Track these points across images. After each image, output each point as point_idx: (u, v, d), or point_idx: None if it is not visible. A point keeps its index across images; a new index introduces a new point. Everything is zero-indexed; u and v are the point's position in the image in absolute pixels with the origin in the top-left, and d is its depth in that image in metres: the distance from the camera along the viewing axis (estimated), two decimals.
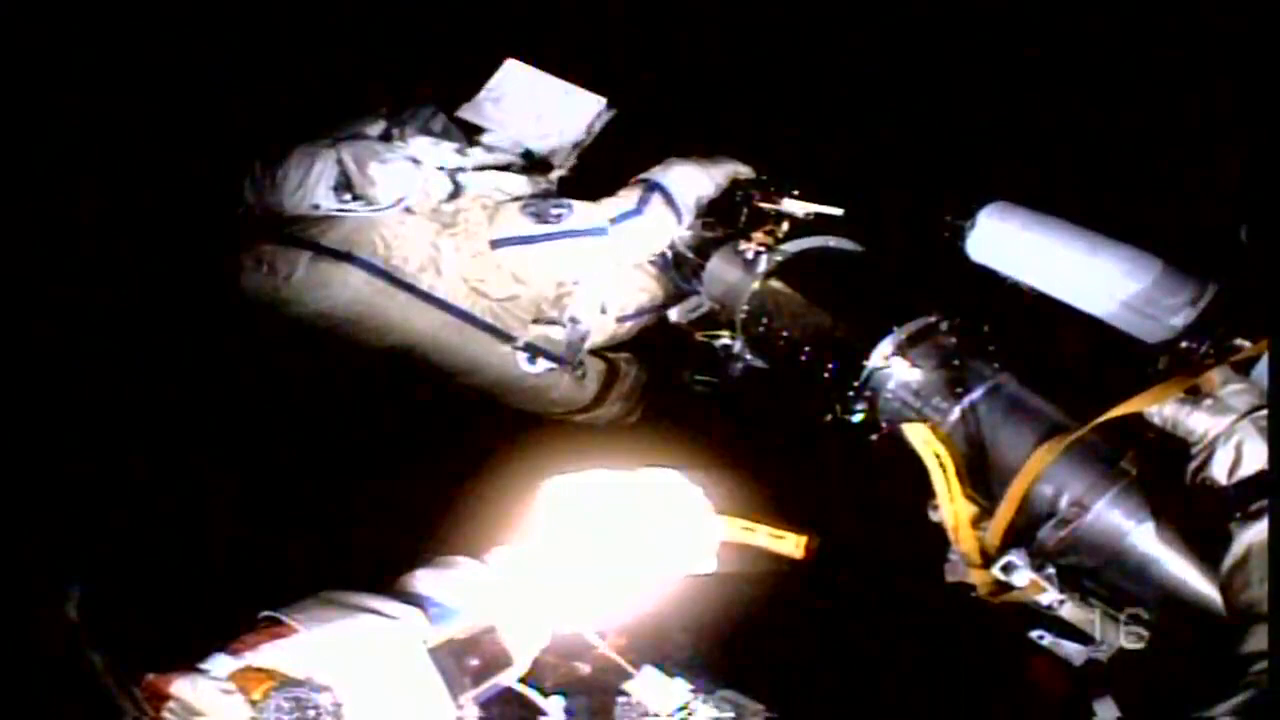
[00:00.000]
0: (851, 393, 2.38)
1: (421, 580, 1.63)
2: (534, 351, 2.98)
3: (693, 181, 2.99)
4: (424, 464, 2.88)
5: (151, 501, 2.46)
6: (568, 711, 1.74)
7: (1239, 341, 1.94)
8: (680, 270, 3.12)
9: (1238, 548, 1.65)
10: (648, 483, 1.89)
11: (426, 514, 2.52)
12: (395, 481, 2.79)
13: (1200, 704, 1.44)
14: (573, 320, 3.02)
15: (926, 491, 2.12)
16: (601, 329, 3.14)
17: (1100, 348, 2.31)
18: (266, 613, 1.50)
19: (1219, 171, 2.64)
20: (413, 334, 2.82)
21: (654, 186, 2.96)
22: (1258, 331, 1.91)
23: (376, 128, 2.94)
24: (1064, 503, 1.97)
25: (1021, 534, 2.00)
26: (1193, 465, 1.80)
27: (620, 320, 3.18)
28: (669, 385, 3.29)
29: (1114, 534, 1.93)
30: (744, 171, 3.05)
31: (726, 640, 2.22)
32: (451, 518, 2.39)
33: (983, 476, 2.11)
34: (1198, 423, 1.81)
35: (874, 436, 2.38)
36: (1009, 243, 2.42)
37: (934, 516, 2.11)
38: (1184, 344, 2.03)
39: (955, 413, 2.19)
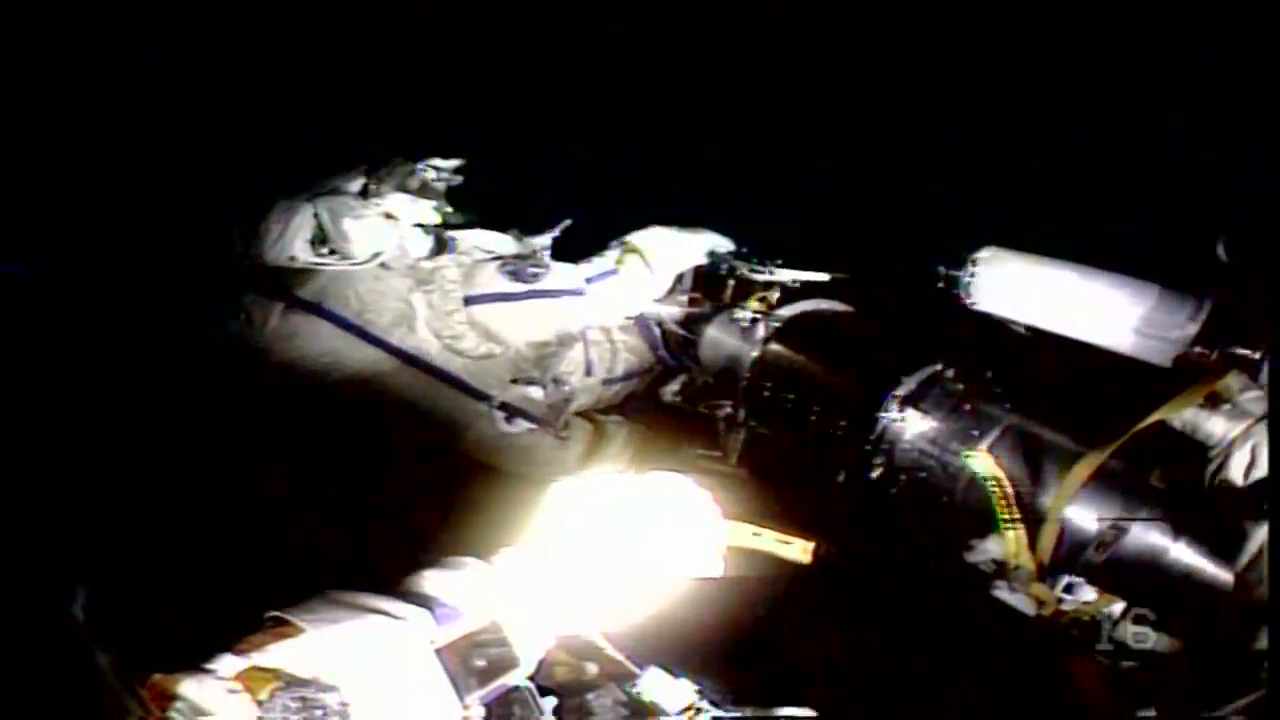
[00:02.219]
0: (868, 447, 2.40)
1: (428, 581, 1.62)
2: (511, 411, 2.95)
3: (669, 244, 3.02)
4: (431, 465, 2.87)
5: (159, 502, 2.46)
6: (555, 712, 1.73)
7: (1240, 350, 1.98)
8: (670, 347, 3.13)
9: (1252, 544, 1.70)
10: (656, 487, 1.88)
11: (434, 515, 2.52)
12: (402, 482, 2.78)
13: (1211, 700, 1.44)
14: (556, 381, 3.03)
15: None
16: (589, 391, 3.13)
17: (1089, 377, 2.36)
18: (273, 613, 1.49)
19: (1186, 195, 2.71)
20: (384, 389, 2.80)
21: (627, 248, 2.99)
22: (1256, 337, 1.95)
23: (355, 184, 2.96)
24: (1102, 525, 2.01)
25: (1065, 560, 2.05)
26: (1211, 467, 1.90)
27: (607, 383, 3.18)
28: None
29: (1155, 551, 1.96)
30: (721, 242, 3.07)
31: (733, 643, 2.21)
32: (459, 519, 2.40)
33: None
34: (1216, 426, 1.90)
35: (893, 490, 2.39)
36: (1013, 287, 2.48)
37: (969, 558, 2.15)
38: (1196, 349, 2.06)
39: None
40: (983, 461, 2.17)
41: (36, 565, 1.64)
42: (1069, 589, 1.99)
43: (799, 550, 2.18)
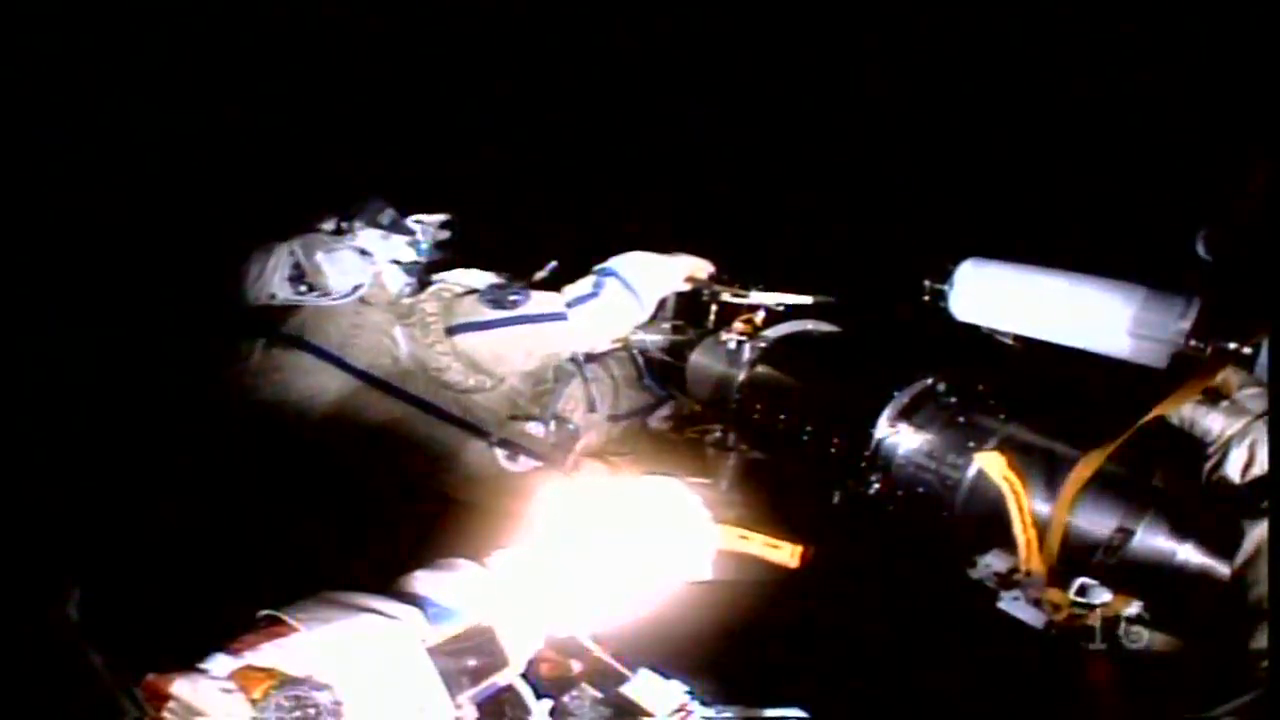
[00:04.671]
0: (864, 464, 2.38)
1: (421, 581, 1.63)
2: (512, 448, 2.92)
3: (647, 267, 3.01)
4: (420, 498, 2.84)
5: (152, 501, 2.47)
6: (552, 713, 1.74)
7: (1233, 345, 1.98)
8: (655, 375, 3.14)
9: (1249, 544, 1.70)
10: (647, 489, 1.90)
11: (427, 516, 2.53)
12: (396, 482, 2.78)
13: (1207, 700, 1.44)
14: (558, 419, 3.00)
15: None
16: (596, 428, 3.11)
17: (1082, 382, 2.36)
18: (266, 612, 1.50)
19: (1158, 192, 2.73)
20: (372, 422, 2.79)
21: (608, 272, 2.99)
22: (1249, 331, 1.95)
23: (330, 222, 2.98)
24: (1107, 530, 1.99)
25: (1072, 565, 2.02)
26: (1208, 465, 1.87)
27: (614, 419, 3.17)
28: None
29: (1164, 553, 1.93)
30: (701, 265, 3.07)
31: (723, 646, 2.23)
32: (452, 520, 2.40)
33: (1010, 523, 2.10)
34: (1214, 423, 1.88)
35: (890, 507, 2.38)
36: (995, 296, 2.46)
37: (971, 574, 2.12)
38: (1192, 342, 2.05)
39: (974, 468, 2.21)
40: (994, 461, 2.13)
41: (30, 564, 1.65)
42: (1083, 591, 1.94)
43: (788, 554, 2.20)
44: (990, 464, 2.13)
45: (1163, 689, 1.84)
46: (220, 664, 1.42)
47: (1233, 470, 1.84)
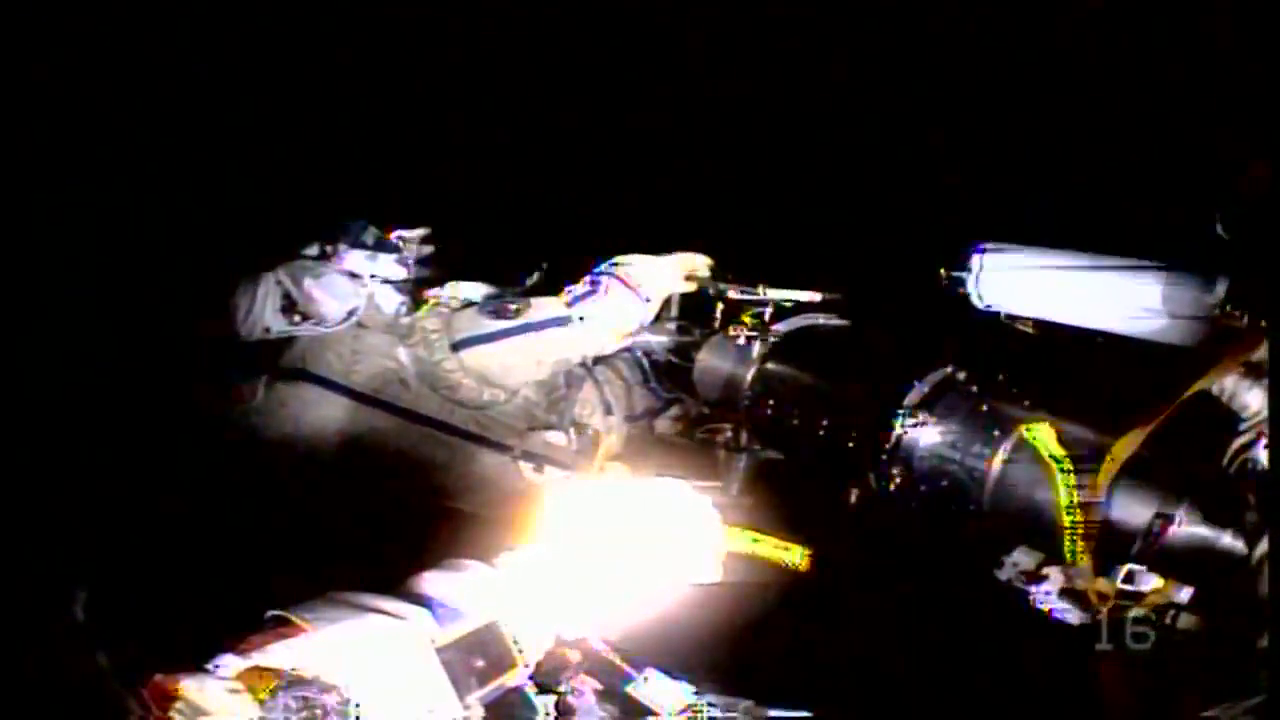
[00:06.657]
0: (885, 458, 2.31)
1: (429, 582, 1.63)
2: (537, 459, 2.87)
3: (644, 265, 2.97)
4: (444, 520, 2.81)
5: (160, 501, 2.46)
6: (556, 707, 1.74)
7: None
8: (661, 378, 3.11)
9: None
10: (656, 491, 1.90)
11: (434, 518, 2.52)
12: (421, 506, 2.75)
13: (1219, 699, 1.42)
14: (576, 425, 2.97)
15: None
16: (616, 431, 3.07)
17: (1104, 367, 2.32)
18: (274, 612, 1.50)
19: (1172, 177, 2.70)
20: (390, 448, 2.75)
21: (604, 271, 2.96)
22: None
23: (314, 248, 2.93)
24: (1145, 517, 1.92)
25: (1112, 553, 1.94)
26: (1239, 440, 1.82)
27: (631, 420, 3.13)
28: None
29: (1208, 539, 1.88)
30: (700, 261, 3.04)
31: (731, 647, 2.22)
32: (460, 521, 2.39)
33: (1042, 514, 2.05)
34: (1254, 399, 1.83)
35: (912, 504, 2.31)
36: (1019, 282, 2.38)
37: (999, 575, 2.06)
38: (1228, 308, 1.99)
39: (1000, 459, 2.15)
40: (1043, 433, 2.03)
41: (37, 566, 1.65)
42: (1130, 579, 1.84)
43: (797, 556, 2.19)
44: (1039, 435, 2.04)
45: (1172, 687, 1.81)
46: (228, 664, 1.41)
47: (1263, 453, 1.78)
